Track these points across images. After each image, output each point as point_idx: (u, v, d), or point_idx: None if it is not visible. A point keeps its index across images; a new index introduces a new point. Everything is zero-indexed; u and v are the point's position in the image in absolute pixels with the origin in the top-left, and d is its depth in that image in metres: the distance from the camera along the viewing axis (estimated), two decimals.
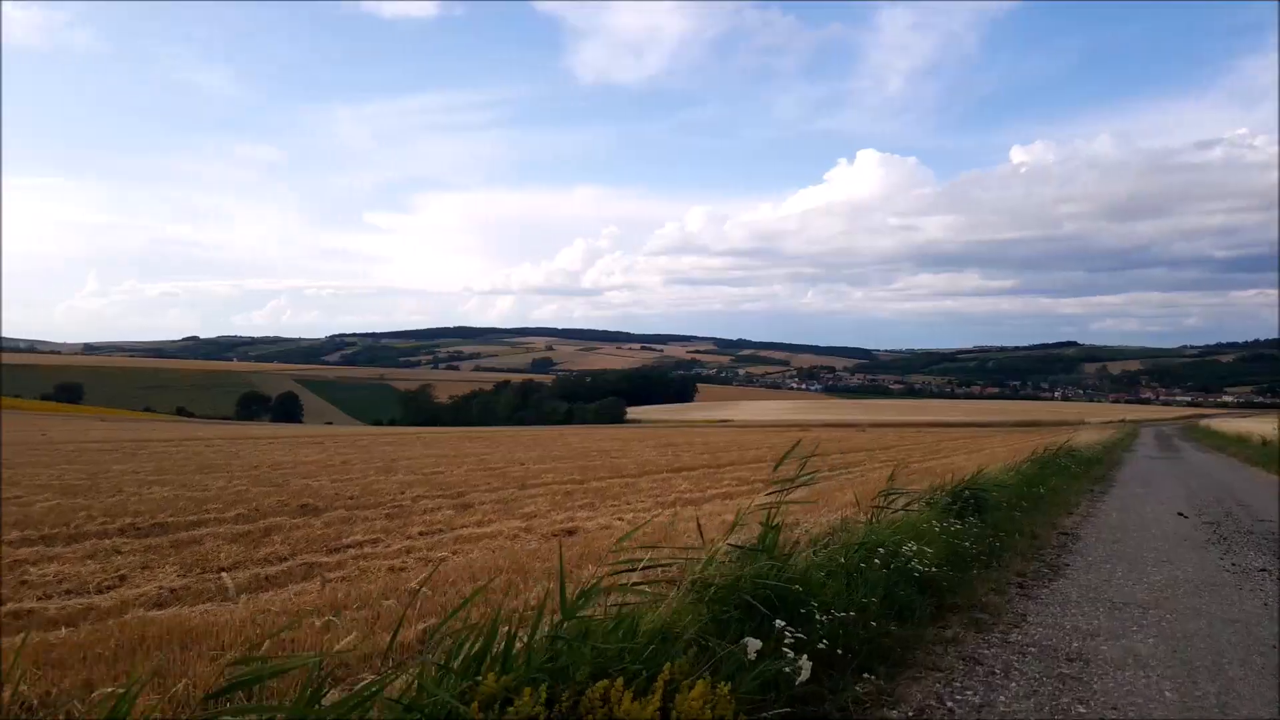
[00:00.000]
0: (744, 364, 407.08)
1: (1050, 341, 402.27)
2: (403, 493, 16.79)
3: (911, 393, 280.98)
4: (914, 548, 6.60)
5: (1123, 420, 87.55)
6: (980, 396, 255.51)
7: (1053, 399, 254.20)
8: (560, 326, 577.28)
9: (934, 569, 6.47)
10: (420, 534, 11.63)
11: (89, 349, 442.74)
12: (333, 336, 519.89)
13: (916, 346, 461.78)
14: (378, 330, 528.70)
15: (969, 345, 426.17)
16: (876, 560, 6.08)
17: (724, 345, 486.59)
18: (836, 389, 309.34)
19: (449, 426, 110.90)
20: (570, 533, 11.43)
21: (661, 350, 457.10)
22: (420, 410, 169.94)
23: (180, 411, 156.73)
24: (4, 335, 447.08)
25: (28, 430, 40.75)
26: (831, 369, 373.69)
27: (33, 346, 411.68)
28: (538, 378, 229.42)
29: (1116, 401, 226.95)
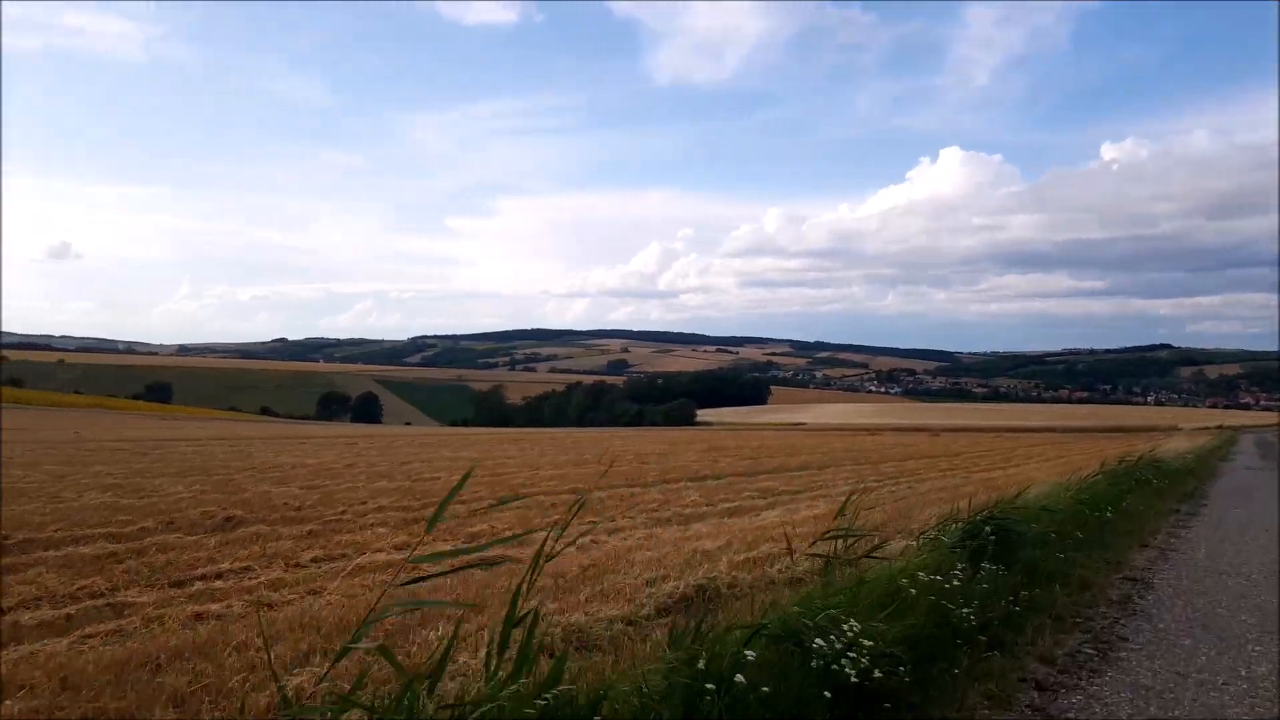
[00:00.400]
0: (821, 366, 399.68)
1: (1143, 344, 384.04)
2: (364, 503, 14.74)
3: (996, 396, 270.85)
4: (853, 629, 4.09)
5: (1220, 426, 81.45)
6: (1068, 401, 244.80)
7: (1145, 404, 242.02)
8: (635, 328, 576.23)
9: (881, 667, 3.97)
10: (313, 560, 9.50)
11: (183, 350, 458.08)
12: (414, 338, 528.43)
13: (1001, 349, 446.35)
14: (457, 332, 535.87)
15: (1057, 348, 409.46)
16: (767, 658, 3.62)
17: (801, 347, 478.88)
18: (917, 392, 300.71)
19: (518, 427, 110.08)
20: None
21: (737, 353, 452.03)
22: (492, 411, 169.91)
23: (264, 411, 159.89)
24: (102, 337, 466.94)
25: (63, 429, 40.40)
26: (912, 372, 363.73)
27: (130, 348, 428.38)
28: (609, 379, 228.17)
29: (1214, 407, 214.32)
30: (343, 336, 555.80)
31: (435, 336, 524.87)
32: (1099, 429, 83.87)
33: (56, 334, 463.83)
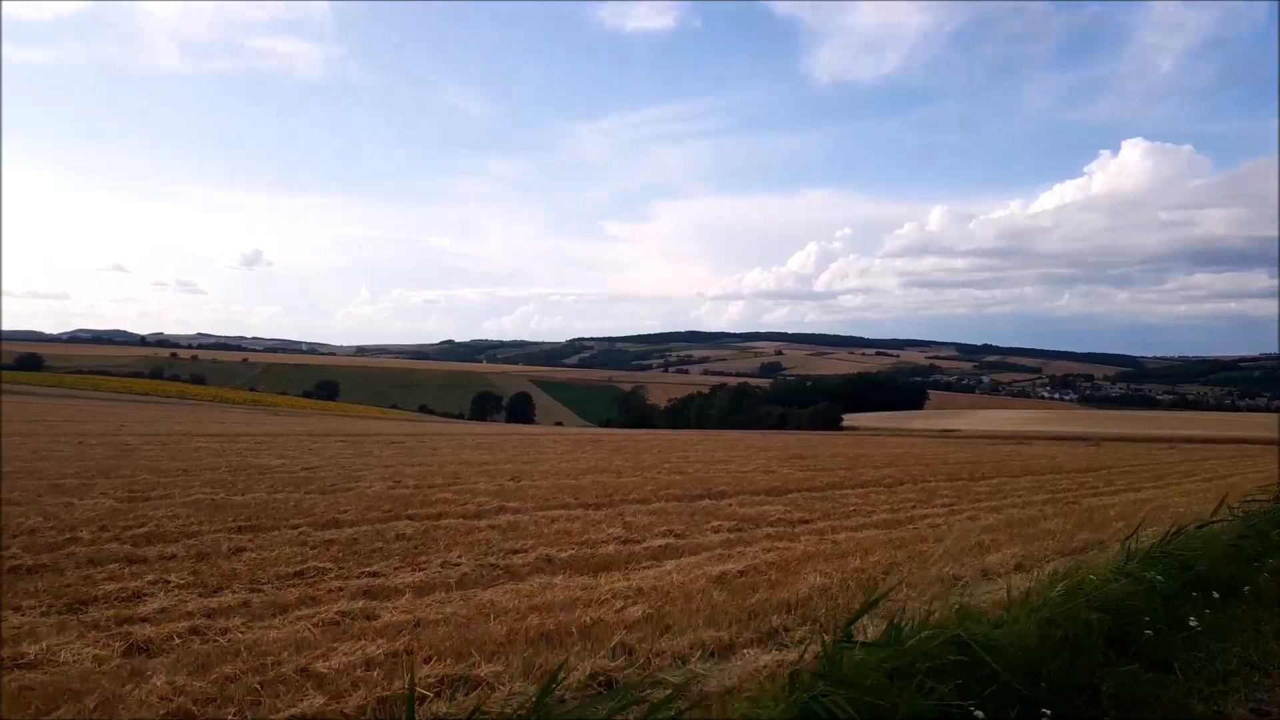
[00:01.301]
0: (989, 371, 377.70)
1: None
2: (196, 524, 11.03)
3: (1183, 404, 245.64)
4: None
5: None
6: (1267, 409, 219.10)
7: None
8: (791, 331, 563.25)
9: None
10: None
11: (360, 351, 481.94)
12: (572, 340, 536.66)
13: (1191, 354, 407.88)
14: (613, 335, 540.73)
15: (1254, 352, 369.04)
16: None
17: (966, 351, 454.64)
18: (1094, 399, 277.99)
19: (657, 428, 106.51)
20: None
21: (897, 356, 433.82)
22: (632, 411, 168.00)
23: (422, 409, 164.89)
24: (288, 338, 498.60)
25: (108, 421, 39.60)
26: (1089, 377, 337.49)
27: (314, 349, 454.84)
28: (753, 381, 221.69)
29: None
30: (505, 339, 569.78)
31: (592, 339, 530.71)
32: None
33: (249, 335, 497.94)
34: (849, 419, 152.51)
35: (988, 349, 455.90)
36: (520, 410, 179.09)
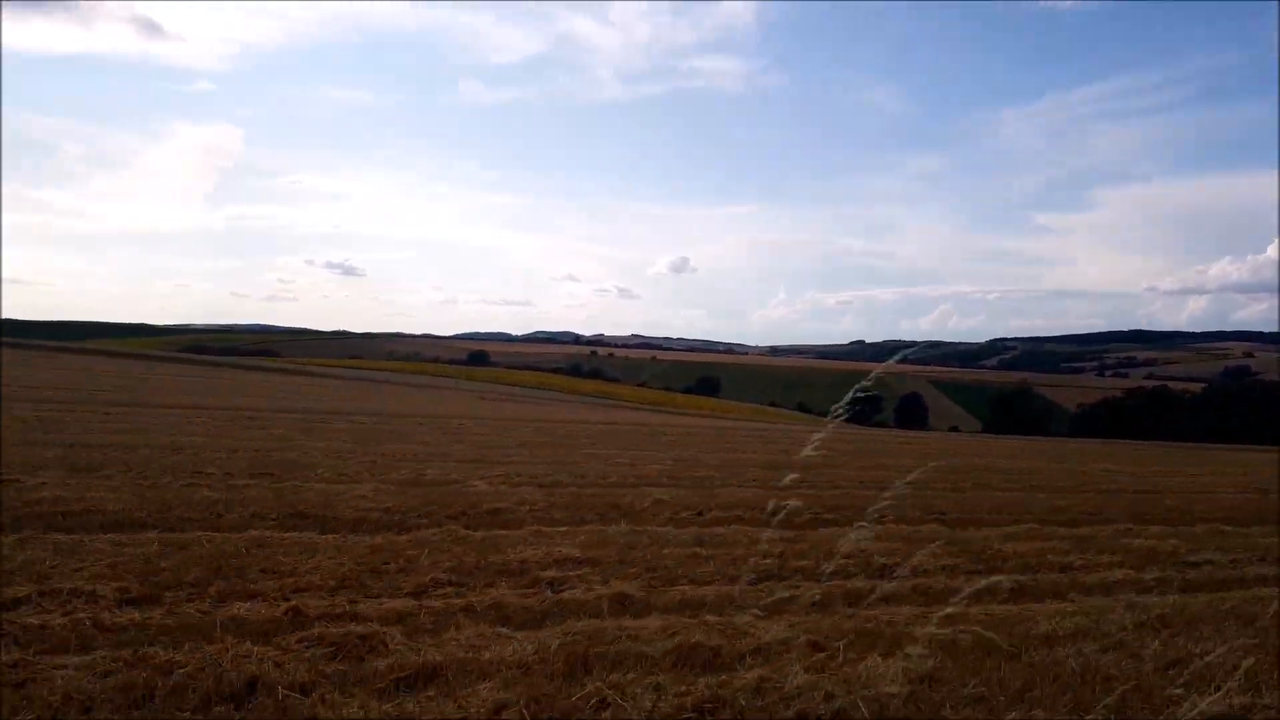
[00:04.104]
0: None
1: None
2: None
3: None
4: None
5: None
6: None
7: None
8: (1269, 330, 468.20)
9: None
10: None
11: (774, 351, 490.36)
12: (992, 340, 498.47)
13: None
14: (1041, 334, 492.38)
15: None
16: None
17: None
18: None
19: (1052, 437, 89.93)
20: None
21: None
22: (1010, 414, 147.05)
23: (798, 407, 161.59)
24: (708, 339, 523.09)
25: (220, 392, 39.64)
26: None
27: (730, 349, 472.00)
28: (1176, 385, 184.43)
29: None
30: (920, 338, 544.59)
31: (1016, 339, 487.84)
32: None
33: (674, 335, 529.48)
34: None
35: None
36: (910, 411, 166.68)
